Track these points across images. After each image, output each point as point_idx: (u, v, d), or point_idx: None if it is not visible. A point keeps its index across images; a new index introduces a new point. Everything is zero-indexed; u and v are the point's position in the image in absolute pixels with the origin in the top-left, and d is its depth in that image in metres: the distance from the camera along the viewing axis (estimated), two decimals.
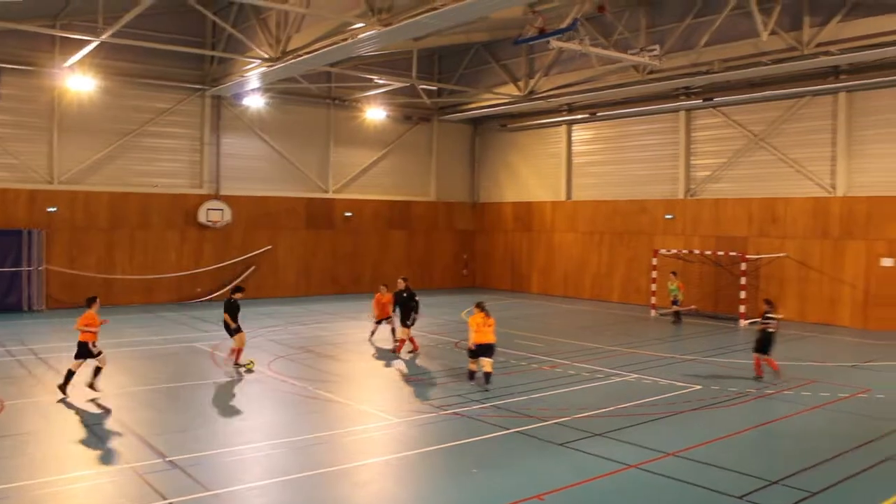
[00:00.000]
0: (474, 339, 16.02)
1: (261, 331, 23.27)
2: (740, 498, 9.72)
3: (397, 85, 33.44)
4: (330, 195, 35.36)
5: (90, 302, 15.39)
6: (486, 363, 15.97)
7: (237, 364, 17.84)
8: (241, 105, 32.21)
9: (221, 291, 31.45)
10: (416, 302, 20.34)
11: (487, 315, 16.10)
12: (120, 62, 28.74)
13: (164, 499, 9.41)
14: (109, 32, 23.45)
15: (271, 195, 33.53)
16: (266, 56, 25.76)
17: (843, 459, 11.41)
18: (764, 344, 17.35)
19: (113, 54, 27.91)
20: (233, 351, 18.09)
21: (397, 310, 20.71)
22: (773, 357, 17.52)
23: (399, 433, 12.76)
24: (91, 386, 14.87)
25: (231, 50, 28.42)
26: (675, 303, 26.70)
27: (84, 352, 14.84)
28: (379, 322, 21.64)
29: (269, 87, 31.07)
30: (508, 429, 12.73)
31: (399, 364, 18.92)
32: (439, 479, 10.64)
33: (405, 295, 20.45)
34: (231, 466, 10.92)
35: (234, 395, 15.48)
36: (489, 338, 15.99)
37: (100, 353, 14.93)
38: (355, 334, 23.50)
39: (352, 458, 11.49)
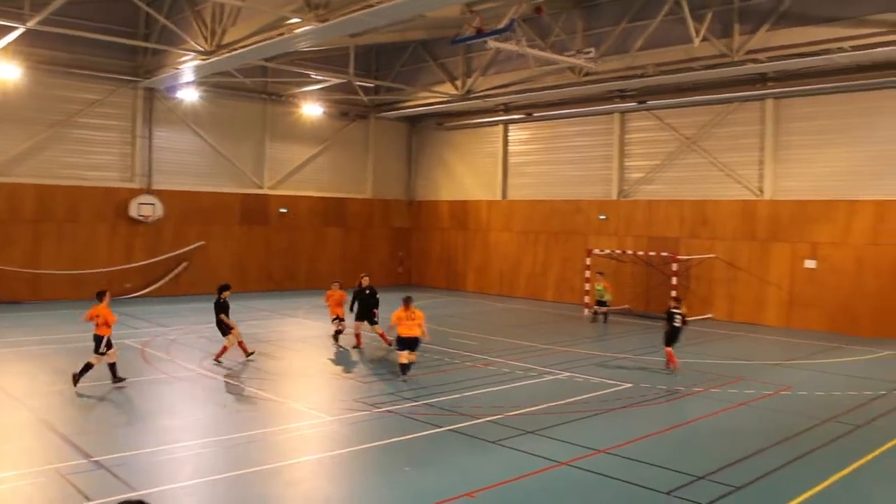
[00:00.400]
0: (397, 331, 16.52)
1: (193, 328, 22.93)
2: (668, 494, 9.93)
3: (334, 81, 33.24)
4: (265, 191, 34.97)
5: (101, 296, 15.54)
6: (411, 355, 16.50)
7: (217, 360, 18.00)
8: (174, 98, 31.59)
9: (153, 287, 30.93)
10: (377, 299, 20.43)
11: (410, 309, 16.53)
12: (48, 50, 27.88)
13: (89, 500, 9.20)
14: (37, 19, 22.76)
15: (205, 190, 32.99)
16: (200, 49, 25.33)
17: (766, 455, 11.74)
18: (671, 337, 18.19)
19: (40, 42, 27.01)
20: (223, 349, 18.11)
21: (355, 306, 20.42)
22: (675, 351, 18.33)
23: (332, 431, 12.71)
24: (76, 376, 14.94)
25: (165, 42, 27.83)
26: (601, 303, 26.98)
27: (99, 345, 15.08)
28: (337, 319, 20.77)
29: (203, 80, 30.59)
30: (441, 426, 12.79)
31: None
32: (372, 477, 10.63)
33: (367, 291, 20.41)
34: (160, 466, 10.73)
35: (164, 394, 15.19)
36: (413, 331, 16.39)
37: (104, 353, 15.13)
38: (290, 332, 23.31)
39: (284, 457, 11.40)
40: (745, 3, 24.60)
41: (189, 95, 31.46)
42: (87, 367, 15.01)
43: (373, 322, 20.25)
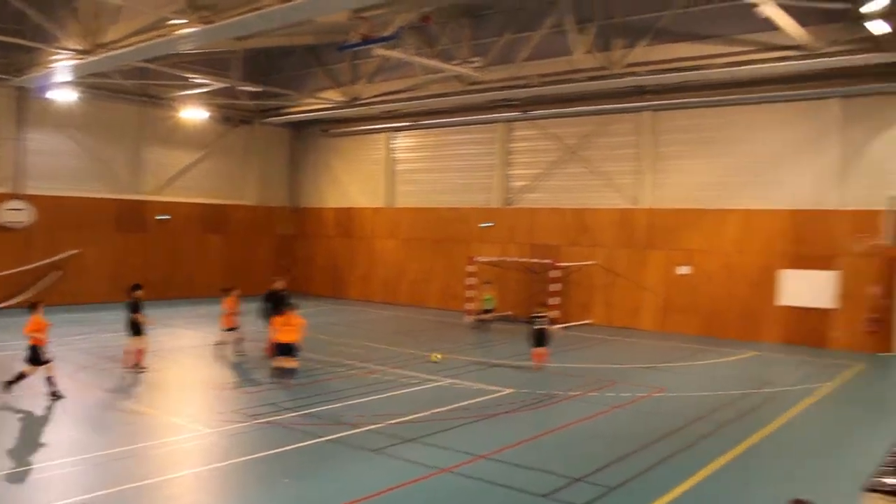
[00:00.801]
0: (274, 337, 16.89)
1: (67, 339, 22.01)
2: (545, 496, 10.18)
3: (218, 85, 32.54)
4: (143, 197, 33.90)
5: (33, 307, 15.32)
6: (288, 360, 16.72)
7: (138, 366, 17.91)
8: (48, 98, 30.23)
9: (21, 298, 29.46)
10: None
11: (287, 314, 16.86)
12: None
13: None
14: None
15: (80, 195, 31.69)
16: (77, 48, 24.37)
17: (639, 455, 12.19)
18: (538, 340, 19.48)
19: None
20: (137, 352, 17.97)
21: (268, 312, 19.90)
22: (546, 353, 19.80)
23: (210, 444, 12.46)
24: (54, 394, 14.85)
25: (38, 39, 26.58)
26: (487, 311, 27.38)
27: (35, 357, 14.78)
28: (232, 329, 20.20)
29: (80, 80, 29.39)
30: (322, 437, 12.70)
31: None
32: (251, 490, 10.48)
33: (285, 293, 20.21)
34: (27, 487, 10.27)
35: (29, 411, 14.42)
36: (289, 337, 16.67)
37: (49, 361, 14.94)
38: (167, 342, 22.66)
39: (161, 472, 11.09)
40: (625, 18, 25.53)
41: (64, 96, 30.13)
42: (49, 380, 14.97)
43: None
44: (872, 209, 23.19)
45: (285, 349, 16.75)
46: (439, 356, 20.09)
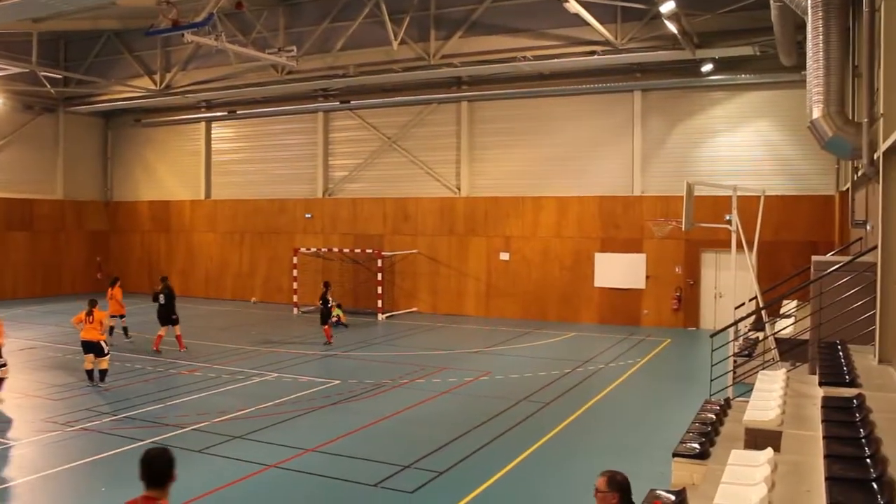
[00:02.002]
0: (81, 335, 16.33)
1: None
2: (375, 486, 10.19)
3: (15, 70, 30.17)
4: None
5: None
6: (99, 361, 16.16)
7: None
8: None
9: None
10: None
11: (89, 312, 16.36)
12: None
13: None
14: None
15: None
16: None
17: (468, 438, 12.44)
18: (325, 317, 22.08)
19: None
20: None
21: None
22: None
23: (19, 456, 11.60)
24: None
25: None
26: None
27: None
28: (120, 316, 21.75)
29: None
30: (143, 440, 12.11)
31: None
32: (65, 502, 9.86)
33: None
34: None
35: None
36: (91, 335, 16.18)
37: (4, 365, 14.29)
38: None
39: None
40: (439, 10, 25.94)
41: None
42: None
43: (174, 322, 20.67)
44: (672, 195, 24.70)
45: (91, 348, 16.06)
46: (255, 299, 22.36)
